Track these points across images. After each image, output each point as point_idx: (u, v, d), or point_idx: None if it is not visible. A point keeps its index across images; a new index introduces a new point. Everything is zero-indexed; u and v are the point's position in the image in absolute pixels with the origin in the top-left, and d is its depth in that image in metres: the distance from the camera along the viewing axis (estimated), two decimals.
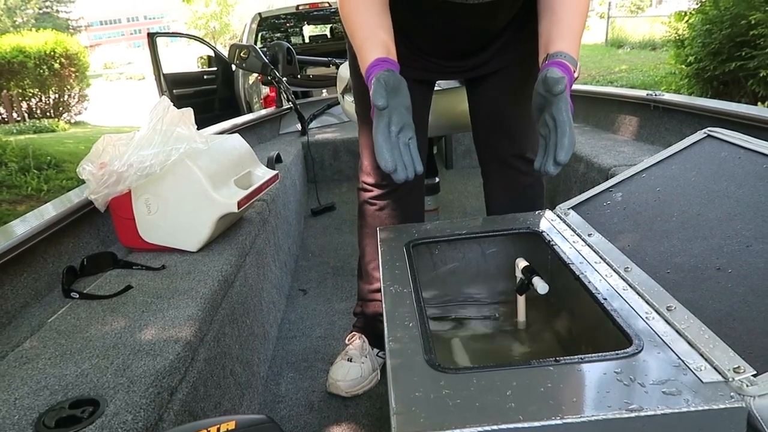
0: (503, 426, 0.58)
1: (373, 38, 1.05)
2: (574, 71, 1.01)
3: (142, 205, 1.33)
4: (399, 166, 0.94)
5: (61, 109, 11.49)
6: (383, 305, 0.85)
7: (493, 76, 1.33)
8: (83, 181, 1.33)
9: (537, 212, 1.16)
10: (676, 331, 0.70)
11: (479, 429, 0.58)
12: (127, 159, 1.28)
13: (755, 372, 0.60)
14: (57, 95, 11.39)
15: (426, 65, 1.31)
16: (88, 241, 1.41)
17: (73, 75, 11.44)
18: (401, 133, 0.95)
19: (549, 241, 1.02)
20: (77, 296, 1.14)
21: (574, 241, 1.00)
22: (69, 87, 11.49)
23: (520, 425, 0.57)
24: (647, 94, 2.22)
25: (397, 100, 0.96)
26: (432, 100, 1.43)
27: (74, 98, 11.78)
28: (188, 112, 1.38)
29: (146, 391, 0.81)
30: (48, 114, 11.23)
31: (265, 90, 5.09)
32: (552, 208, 1.17)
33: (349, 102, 2.15)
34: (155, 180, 1.29)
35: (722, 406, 0.57)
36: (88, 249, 1.39)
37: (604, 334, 0.78)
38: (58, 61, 11.02)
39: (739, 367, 0.61)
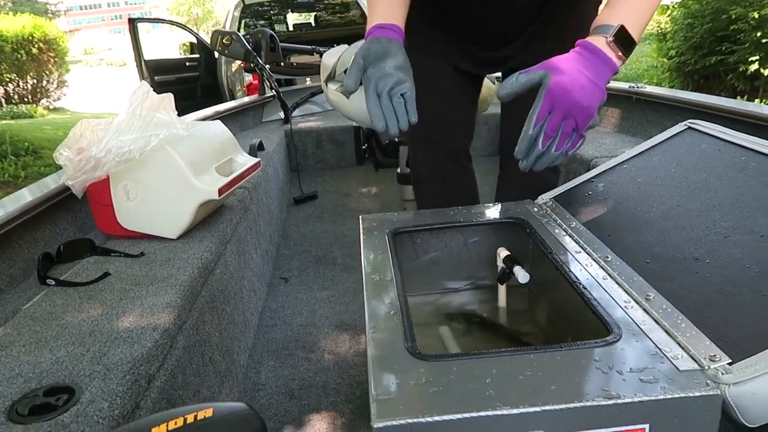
0: (482, 413, 0.58)
1: (376, 7, 1.03)
2: (617, 54, 0.85)
3: (120, 191, 1.31)
4: (389, 122, 0.92)
5: (39, 94, 11.25)
6: (364, 293, 0.85)
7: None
8: (61, 168, 1.31)
9: (519, 202, 1.16)
10: (654, 320, 0.71)
11: (459, 416, 0.58)
12: (106, 144, 1.25)
13: (731, 360, 0.60)
14: (35, 80, 11.15)
15: (462, 51, 1.30)
16: (65, 227, 1.38)
17: (52, 60, 11.20)
18: (393, 90, 0.93)
19: (531, 230, 1.02)
20: (53, 283, 1.12)
21: (555, 231, 1.01)
22: (47, 72, 11.24)
23: (499, 413, 0.58)
24: (629, 87, 2.24)
25: (384, 62, 0.94)
26: None
27: (53, 84, 11.53)
28: (168, 98, 1.36)
29: (123, 379, 0.80)
30: (26, 100, 10.99)
31: (248, 77, 5.04)
32: (534, 198, 1.18)
33: (332, 90, 2.14)
34: (134, 166, 1.27)
35: (698, 394, 0.58)
36: (65, 235, 1.37)
37: (584, 322, 0.78)
38: (36, 45, 10.77)
39: (715, 355, 0.62)
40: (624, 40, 0.86)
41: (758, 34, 5.17)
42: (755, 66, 5.25)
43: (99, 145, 1.25)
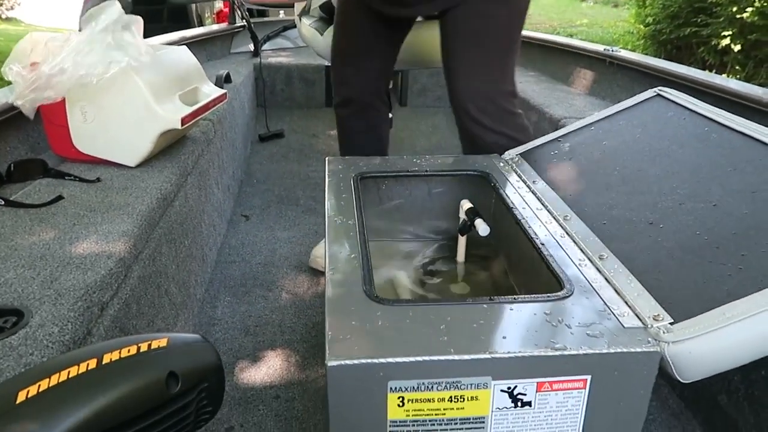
0: (434, 358, 0.59)
1: None
2: None
3: (77, 112, 1.25)
4: None
5: None
6: (326, 235, 0.85)
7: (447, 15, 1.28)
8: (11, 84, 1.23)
9: (485, 155, 1.17)
10: (606, 279, 0.73)
11: (411, 359, 0.59)
12: (62, 62, 1.19)
13: (672, 321, 0.63)
14: None
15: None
16: (16, 146, 1.32)
17: None
18: None
19: (494, 184, 1.03)
20: (2, 203, 1.08)
21: (518, 187, 1.02)
22: None
23: (450, 357, 0.59)
24: (604, 50, 2.24)
25: None
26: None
27: None
28: (136, 20, 1.29)
29: (75, 305, 0.79)
30: None
31: (218, 4, 4.83)
32: (501, 154, 1.18)
33: (306, 25, 2.07)
34: (94, 87, 1.21)
35: (639, 350, 0.61)
36: (16, 155, 1.31)
37: (539, 277, 0.80)
38: None
39: (658, 315, 0.65)
40: None
41: (734, 9, 5.20)
42: (727, 41, 5.30)
43: (53, 63, 1.19)
